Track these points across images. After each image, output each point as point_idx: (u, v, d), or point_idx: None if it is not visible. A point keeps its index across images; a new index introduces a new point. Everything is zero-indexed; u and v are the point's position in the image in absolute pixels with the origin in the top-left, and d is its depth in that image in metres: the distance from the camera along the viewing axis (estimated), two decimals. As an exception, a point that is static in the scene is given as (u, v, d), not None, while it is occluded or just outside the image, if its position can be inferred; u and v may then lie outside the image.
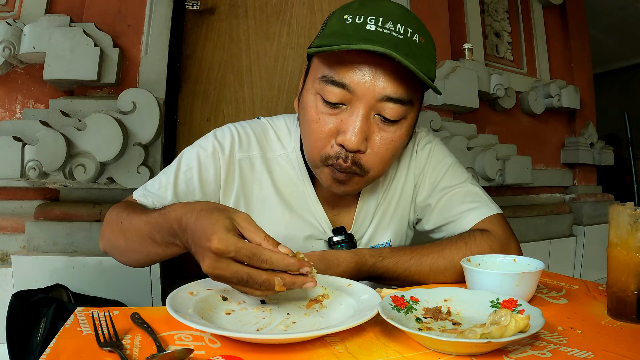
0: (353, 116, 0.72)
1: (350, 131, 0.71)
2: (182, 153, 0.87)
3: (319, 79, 0.74)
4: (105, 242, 0.84)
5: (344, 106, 0.73)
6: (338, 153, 0.74)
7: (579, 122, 3.10)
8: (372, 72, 0.70)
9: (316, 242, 0.88)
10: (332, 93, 0.72)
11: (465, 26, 2.58)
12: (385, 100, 0.71)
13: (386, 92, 0.71)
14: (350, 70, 0.70)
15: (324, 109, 0.74)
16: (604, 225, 2.90)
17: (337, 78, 0.71)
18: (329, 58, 0.72)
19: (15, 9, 1.84)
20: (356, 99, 0.71)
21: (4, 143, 1.55)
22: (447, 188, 0.91)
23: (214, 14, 2.19)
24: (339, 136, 0.73)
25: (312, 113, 0.75)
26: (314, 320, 0.59)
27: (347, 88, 0.71)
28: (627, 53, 5.55)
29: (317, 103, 0.74)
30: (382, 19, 0.69)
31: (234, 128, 0.88)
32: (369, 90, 0.70)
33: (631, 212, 0.61)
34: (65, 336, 0.53)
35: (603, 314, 0.64)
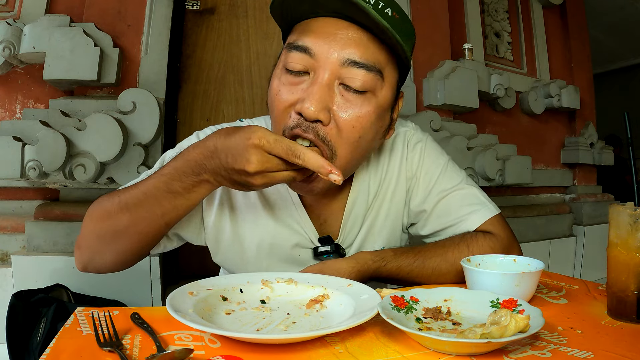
0: (315, 83, 0.67)
1: (309, 97, 0.66)
2: (164, 154, 0.83)
3: (285, 49, 0.71)
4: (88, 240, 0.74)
5: (307, 75, 0.69)
6: (297, 122, 0.68)
7: (579, 122, 3.11)
8: (335, 34, 0.66)
9: (303, 250, 0.84)
10: (294, 59, 0.68)
11: (465, 26, 2.58)
12: (349, 65, 0.66)
13: (350, 56, 0.66)
14: (313, 33, 0.67)
15: (286, 79, 0.69)
16: (604, 225, 2.90)
17: (300, 42, 0.68)
18: (297, 29, 0.71)
19: (15, 9, 1.84)
20: (319, 65, 0.67)
21: (4, 143, 1.55)
22: (443, 191, 0.86)
23: (214, 14, 2.20)
24: (297, 104, 0.68)
25: (273, 87, 0.71)
26: (314, 320, 0.59)
27: (309, 52, 0.67)
28: (627, 53, 5.55)
29: (282, 76, 0.70)
30: None
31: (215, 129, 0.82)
32: (331, 53, 0.66)
33: (631, 212, 0.61)
34: (65, 336, 0.53)
35: (603, 314, 0.64)
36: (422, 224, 0.90)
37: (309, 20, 0.69)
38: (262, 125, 0.86)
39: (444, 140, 2.21)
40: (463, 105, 2.35)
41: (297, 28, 0.71)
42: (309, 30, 0.68)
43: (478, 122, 2.55)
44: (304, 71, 0.68)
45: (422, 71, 2.35)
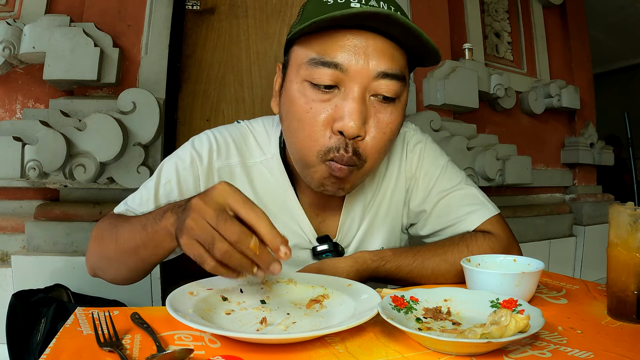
0: (348, 98, 0.66)
1: (348, 115, 0.65)
2: (162, 165, 0.83)
3: (305, 63, 0.68)
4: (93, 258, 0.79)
5: (337, 90, 0.67)
6: (338, 143, 0.67)
7: (579, 122, 3.11)
8: (364, 48, 0.65)
9: (302, 251, 0.84)
10: (323, 75, 0.66)
11: (465, 26, 2.58)
12: (380, 78, 0.67)
13: (381, 68, 0.66)
14: (341, 48, 0.65)
15: (314, 95, 0.68)
16: (604, 225, 2.90)
17: (327, 58, 0.65)
18: (317, 40, 0.67)
19: (15, 9, 1.84)
20: (349, 79, 0.66)
21: (4, 143, 1.55)
22: (443, 192, 0.87)
23: (214, 14, 2.19)
24: (336, 123, 0.66)
25: (300, 104, 0.69)
26: (314, 320, 0.59)
27: (340, 68, 0.65)
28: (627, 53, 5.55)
29: (306, 91, 0.68)
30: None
31: (212, 135, 0.83)
32: (363, 68, 0.65)
33: (631, 212, 0.61)
34: (65, 336, 0.53)
35: (603, 314, 0.64)
36: (421, 224, 0.90)
37: (331, 32, 0.66)
38: (261, 128, 0.86)
39: (444, 140, 2.21)
40: (463, 105, 2.35)
41: (316, 40, 0.67)
42: (335, 44, 0.66)
43: (478, 122, 2.55)
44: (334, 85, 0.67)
45: (422, 71, 2.35)
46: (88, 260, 0.80)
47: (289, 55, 0.74)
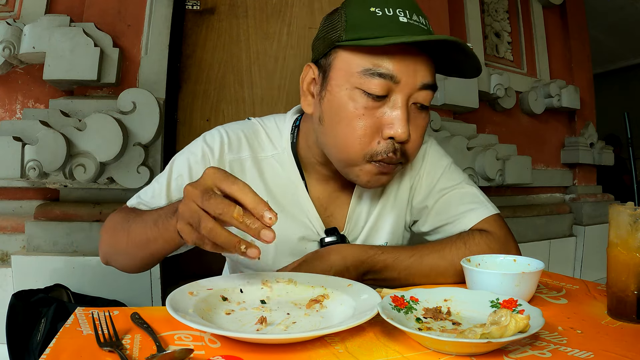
0: (397, 107, 0.72)
1: (400, 123, 0.72)
2: (173, 159, 0.86)
3: (359, 73, 0.72)
4: (105, 247, 0.83)
5: (386, 98, 0.73)
6: (387, 148, 0.74)
7: (579, 122, 3.10)
8: (413, 63, 0.72)
9: (310, 243, 0.87)
10: (378, 85, 0.71)
11: (465, 26, 2.58)
12: (422, 89, 0.73)
13: (425, 80, 0.73)
14: (396, 62, 0.71)
15: (366, 103, 0.72)
16: (604, 225, 2.90)
17: (384, 70, 0.71)
18: (369, 51, 0.71)
19: (15, 9, 1.84)
20: (399, 89, 0.72)
21: (4, 143, 1.55)
22: (444, 189, 0.90)
23: (214, 14, 2.19)
24: (387, 129, 0.73)
25: (351, 110, 0.73)
26: (314, 320, 0.59)
27: (394, 79, 0.71)
28: (627, 53, 5.55)
29: (357, 98, 0.73)
30: (408, 12, 0.71)
31: (223, 130, 0.86)
32: (411, 79, 0.72)
33: (631, 212, 0.61)
34: (65, 336, 0.53)
35: (603, 314, 0.64)
36: (423, 220, 0.93)
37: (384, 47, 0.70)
38: (272, 124, 0.90)
39: (444, 140, 2.21)
40: (463, 105, 2.35)
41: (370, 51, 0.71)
42: (391, 58, 0.71)
43: (478, 122, 2.55)
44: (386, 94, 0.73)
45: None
46: (101, 249, 0.84)
47: (332, 58, 0.76)
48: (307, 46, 2.32)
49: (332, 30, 0.75)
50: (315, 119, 0.80)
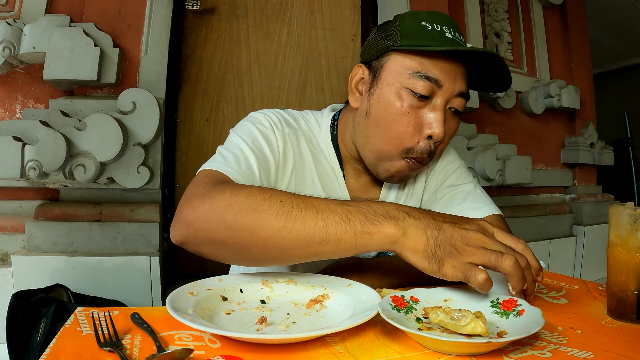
0: (438, 109, 0.79)
1: (438, 123, 0.79)
2: (234, 132, 0.83)
3: (409, 74, 0.79)
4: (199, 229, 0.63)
5: (428, 100, 0.80)
6: (425, 147, 0.80)
7: (579, 122, 3.11)
8: (454, 71, 0.80)
9: None
10: (424, 87, 0.78)
11: (465, 26, 2.58)
12: (458, 95, 0.81)
13: (462, 88, 0.81)
14: (441, 69, 0.79)
15: (412, 101, 0.79)
16: (604, 225, 2.90)
17: (430, 74, 0.78)
18: (417, 56, 0.79)
19: (15, 9, 1.84)
20: (441, 93, 0.79)
21: (4, 143, 1.55)
22: (452, 186, 0.95)
23: (214, 14, 2.20)
24: (427, 128, 0.79)
25: (397, 106, 0.80)
26: (314, 320, 0.59)
27: (438, 83, 0.78)
28: (627, 53, 5.55)
29: (405, 97, 0.80)
30: (452, 30, 0.80)
31: (271, 112, 0.90)
32: (451, 85, 0.79)
33: (631, 212, 0.61)
34: (65, 336, 0.53)
35: (603, 314, 0.64)
36: None
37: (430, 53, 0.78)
38: (311, 117, 0.95)
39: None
40: (463, 105, 2.35)
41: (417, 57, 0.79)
42: (437, 65, 0.79)
43: (478, 122, 2.55)
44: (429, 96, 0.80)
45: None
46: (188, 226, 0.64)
47: (385, 61, 0.83)
48: (307, 46, 2.32)
49: (386, 37, 0.83)
50: (362, 113, 0.86)
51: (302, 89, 2.30)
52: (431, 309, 0.56)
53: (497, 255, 0.56)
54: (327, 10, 2.34)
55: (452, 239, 0.58)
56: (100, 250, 1.70)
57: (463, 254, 0.57)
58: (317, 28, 2.33)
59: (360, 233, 0.57)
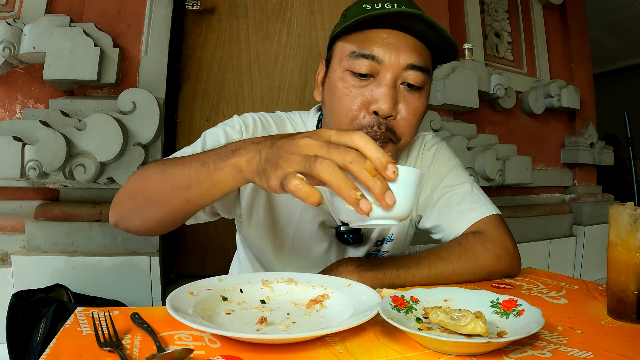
0: (382, 85, 0.77)
1: (383, 99, 0.77)
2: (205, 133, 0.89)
3: (347, 56, 0.80)
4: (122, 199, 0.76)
5: (372, 78, 0.79)
6: (372, 122, 0.78)
7: (579, 122, 3.11)
8: (396, 44, 0.77)
9: (328, 229, 0.91)
10: (362, 65, 0.78)
11: (465, 26, 2.58)
12: (409, 69, 0.78)
13: (410, 60, 0.78)
14: (378, 44, 0.77)
15: (354, 82, 0.79)
16: (604, 225, 2.90)
17: (366, 51, 0.77)
18: (357, 37, 0.79)
19: (15, 9, 1.84)
20: (384, 69, 0.78)
21: (4, 143, 1.55)
22: (449, 187, 0.93)
23: (214, 14, 2.19)
24: (372, 105, 0.78)
25: (341, 88, 0.80)
26: (314, 320, 0.59)
27: (376, 59, 0.77)
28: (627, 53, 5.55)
29: (346, 78, 0.80)
30: (397, 4, 0.77)
31: (255, 114, 0.92)
32: (394, 60, 0.77)
33: (631, 212, 0.61)
34: (65, 336, 0.53)
35: (603, 314, 0.64)
36: (427, 215, 0.96)
37: (370, 30, 0.78)
38: (297, 118, 0.96)
39: (444, 141, 2.21)
40: (463, 105, 2.35)
41: (357, 37, 0.79)
42: (371, 40, 0.78)
43: (478, 122, 2.55)
44: (370, 74, 0.79)
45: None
46: (114, 206, 0.78)
47: (332, 50, 0.85)
48: (307, 46, 2.32)
49: (334, 29, 0.85)
50: (323, 105, 0.88)
51: (302, 89, 2.30)
52: (431, 309, 0.56)
53: (311, 160, 0.52)
54: (327, 10, 2.34)
55: (279, 150, 0.55)
56: (100, 250, 1.70)
57: (285, 163, 0.54)
58: (317, 28, 2.33)
59: (214, 170, 0.62)
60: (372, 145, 0.53)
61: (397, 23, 0.77)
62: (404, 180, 0.55)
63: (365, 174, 0.52)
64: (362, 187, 0.53)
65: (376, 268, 0.79)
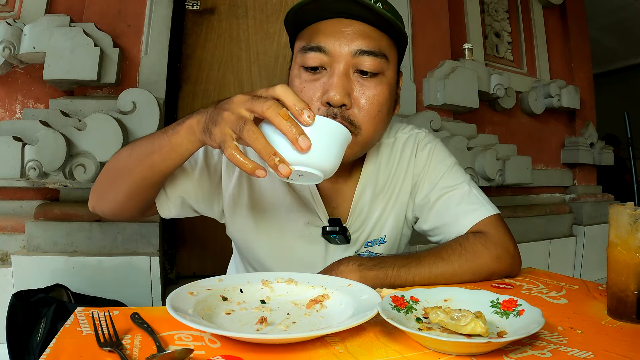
0: (333, 75, 0.77)
1: (332, 87, 0.76)
2: None
3: (299, 52, 0.80)
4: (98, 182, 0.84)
5: (325, 70, 0.78)
6: (326, 112, 0.77)
7: (579, 122, 3.11)
8: (343, 32, 0.77)
9: (315, 229, 0.89)
10: (311, 59, 0.77)
11: (465, 26, 2.58)
12: (360, 54, 0.76)
13: (360, 47, 0.76)
14: (324, 34, 0.77)
15: (306, 76, 0.79)
16: (604, 225, 2.90)
17: (313, 43, 0.77)
18: (307, 31, 0.80)
19: (15, 9, 1.84)
20: (333, 59, 0.77)
21: (4, 143, 1.55)
22: (446, 188, 0.92)
23: (214, 14, 2.20)
24: (324, 96, 0.77)
25: (297, 85, 0.80)
26: (314, 320, 0.59)
27: (323, 50, 0.76)
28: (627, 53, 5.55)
29: (301, 74, 0.80)
30: None
31: None
32: (342, 48, 0.76)
33: (631, 212, 0.61)
34: (65, 336, 0.53)
35: (603, 314, 0.64)
36: (424, 217, 0.94)
37: (317, 23, 0.78)
38: None
39: (444, 140, 2.20)
40: (463, 105, 2.35)
41: (306, 32, 0.80)
42: (318, 32, 0.78)
43: (478, 122, 2.55)
44: (321, 67, 0.78)
45: (422, 71, 2.35)
46: (92, 190, 0.85)
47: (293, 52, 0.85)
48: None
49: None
50: None
51: (302, 89, 2.30)
52: (431, 309, 0.56)
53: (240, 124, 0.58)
54: (327, 10, 2.34)
55: (219, 109, 0.62)
56: (100, 250, 1.70)
57: (222, 120, 0.61)
58: (317, 28, 2.33)
59: (172, 134, 0.70)
60: (291, 94, 0.59)
61: (342, 11, 0.76)
62: (322, 129, 0.59)
63: (279, 119, 0.57)
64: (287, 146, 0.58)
65: (377, 267, 0.79)
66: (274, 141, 0.59)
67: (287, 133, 0.57)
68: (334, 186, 0.90)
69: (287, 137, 0.57)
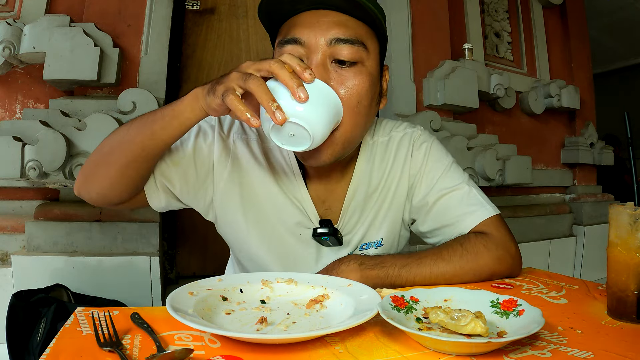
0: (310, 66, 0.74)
1: None
2: None
3: (277, 47, 0.80)
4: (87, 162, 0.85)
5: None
6: None
7: (579, 122, 3.11)
8: (317, 22, 0.76)
9: (305, 230, 0.88)
10: (288, 51, 0.76)
11: (465, 26, 2.58)
12: (336, 43, 0.75)
13: (335, 35, 0.75)
14: (298, 26, 0.76)
15: None
16: (604, 225, 2.90)
17: (290, 36, 0.76)
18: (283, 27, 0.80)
19: (15, 9, 1.84)
20: (309, 51, 0.75)
21: (4, 143, 1.55)
22: (445, 189, 0.89)
23: (214, 14, 2.20)
24: None
25: None
26: (314, 320, 0.59)
27: (299, 42, 0.75)
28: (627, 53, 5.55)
29: None
30: None
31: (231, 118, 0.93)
32: (317, 38, 0.75)
33: (631, 212, 0.61)
34: (65, 336, 0.53)
35: (603, 314, 0.64)
36: (422, 219, 0.92)
37: (293, 17, 0.78)
38: None
39: (444, 140, 2.21)
40: (463, 105, 2.35)
41: (283, 27, 0.80)
42: (293, 25, 0.77)
43: (478, 122, 2.55)
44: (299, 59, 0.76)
45: (422, 71, 2.35)
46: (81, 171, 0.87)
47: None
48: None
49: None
50: None
51: (302, 88, 2.30)
52: (431, 309, 0.56)
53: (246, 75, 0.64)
54: (327, 10, 2.34)
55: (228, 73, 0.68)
56: (100, 250, 1.70)
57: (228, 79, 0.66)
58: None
59: (176, 103, 0.72)
60: (295, 59, 0.67)
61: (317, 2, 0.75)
62: (319, 90, 0.67)
63: (283, 72, 0.64)
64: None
65: (378, 267, 0.78)
66: (275, 91, 0.64)
67: (288, 83, 0.63)
68: (326, 187, 0.88)
69: (288, 87, 0.63)
